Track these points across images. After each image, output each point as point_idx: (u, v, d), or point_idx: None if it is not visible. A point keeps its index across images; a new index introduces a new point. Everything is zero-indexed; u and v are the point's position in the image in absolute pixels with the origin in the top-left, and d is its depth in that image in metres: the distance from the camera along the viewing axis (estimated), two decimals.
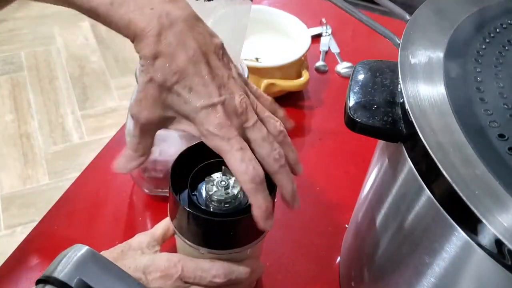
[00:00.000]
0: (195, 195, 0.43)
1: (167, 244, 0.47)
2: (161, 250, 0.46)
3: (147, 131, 0.39)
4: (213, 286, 0.43)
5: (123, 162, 0.41)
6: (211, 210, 0.41)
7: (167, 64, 0.35)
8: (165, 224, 0.48)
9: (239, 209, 0.42)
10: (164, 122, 0.38)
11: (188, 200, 0.42)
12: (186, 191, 0.43)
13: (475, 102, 0.30)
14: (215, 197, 0.41)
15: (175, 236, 0.44)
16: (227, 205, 0.42)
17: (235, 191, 0.42)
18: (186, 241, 0.43)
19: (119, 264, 0.39)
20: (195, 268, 0.42)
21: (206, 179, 0.42)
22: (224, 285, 0.44)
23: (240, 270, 0.44)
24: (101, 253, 0.41)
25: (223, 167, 0.43)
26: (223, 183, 0.42)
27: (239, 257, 0.45)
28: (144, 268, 0.41)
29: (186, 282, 0.42)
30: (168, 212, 0.45)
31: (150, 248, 0.45)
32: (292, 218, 0.59)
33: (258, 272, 0.47)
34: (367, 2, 1.44)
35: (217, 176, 0.43)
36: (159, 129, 0.39)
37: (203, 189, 0.43)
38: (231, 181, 0.42)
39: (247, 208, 0.40)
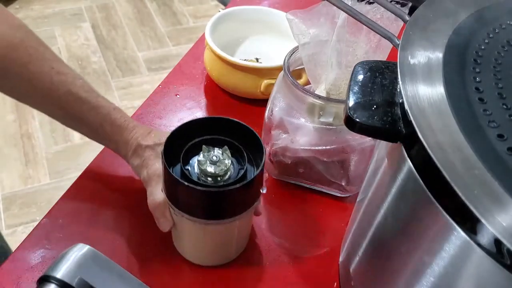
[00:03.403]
0: (188, 169, 0.46)
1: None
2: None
3: None
4: None
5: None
6: (202, 183, 0.44)
7: None
8: None
9: (228, 183, 0.45)
10: None
11: (180, 173, 0.46)
12: (179, 165, 0.46)
13: (474, 102, 0.30)
14: (206, 170, 0.44)
15: (171, 211, 0.49)
16: (218, 178, 0.45)
17: (226, 166, 0.45)
18: (178, 210, 0.46)
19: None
20: None
21: (201, 153, 0.45)
22: None
23: None
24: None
25: (225, 146, 0.46)
26: (214, 158, 0.45)
27: (229, 228, 0.48)
28: None
29: None
30: (163, 188, 0.48)
31: None
32: (292, 218, 0.59)
33: None
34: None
35: (210, 151, 0.46)
36: None
37: (195, 163, 0.46)
38: (222, 156, 0.45)
39: (236, 181, 0.44)
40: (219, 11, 0.78)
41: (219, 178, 0.45)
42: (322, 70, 0.54)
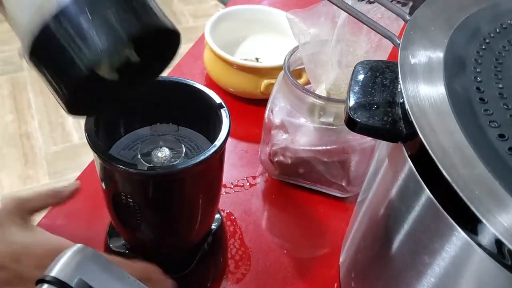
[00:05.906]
0: None
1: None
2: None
3: None
4: None
5: None
6: None
7: None
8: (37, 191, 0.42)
9: None
10: None
11: None
12: None
13: (475, 102, 0.30)
14: None
15: None
16: None
17: None
18: None
19: None
20: None
21: None
22: None
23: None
24: None
25: None
26: None
27: None
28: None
29: None
30: None
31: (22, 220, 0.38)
32: (292, 218, 0.59)
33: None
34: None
35: None
36: None
37: None
38: None
39: None
40: (219, 10, 0.78)
41: None
42: (323, 70, 0.54)
